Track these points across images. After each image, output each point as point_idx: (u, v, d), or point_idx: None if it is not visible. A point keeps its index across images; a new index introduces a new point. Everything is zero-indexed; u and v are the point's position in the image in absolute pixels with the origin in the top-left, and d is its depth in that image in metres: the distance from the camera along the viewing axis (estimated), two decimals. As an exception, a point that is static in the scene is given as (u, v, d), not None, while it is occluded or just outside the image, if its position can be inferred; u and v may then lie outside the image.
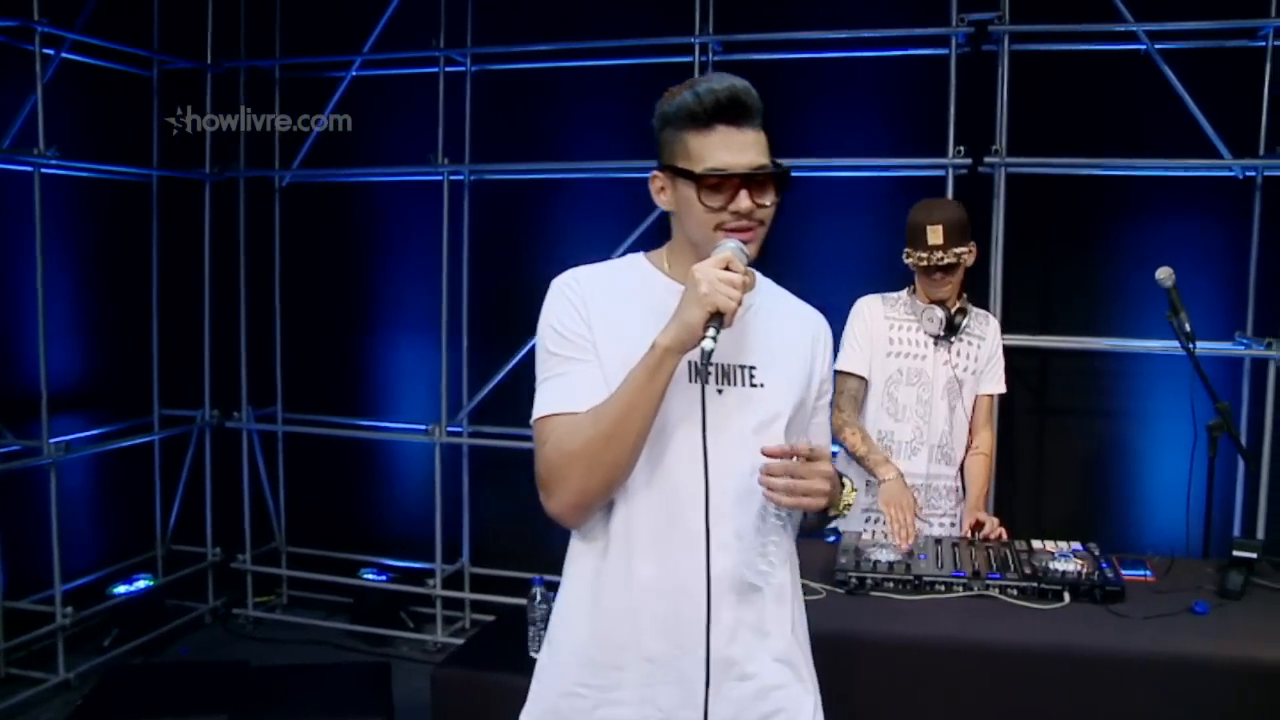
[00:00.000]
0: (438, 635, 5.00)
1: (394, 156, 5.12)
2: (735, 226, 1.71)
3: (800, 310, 1.95)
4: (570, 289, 1.79)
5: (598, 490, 1.71)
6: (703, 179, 1.69)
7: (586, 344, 1.75)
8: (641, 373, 1.64)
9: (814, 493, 1.67)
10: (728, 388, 1.78)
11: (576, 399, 1.72)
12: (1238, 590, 2.73)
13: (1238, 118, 4.20)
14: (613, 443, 1.66)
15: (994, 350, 3.43)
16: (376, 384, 5.45)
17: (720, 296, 1.60)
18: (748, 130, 1.71)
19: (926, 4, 4.44)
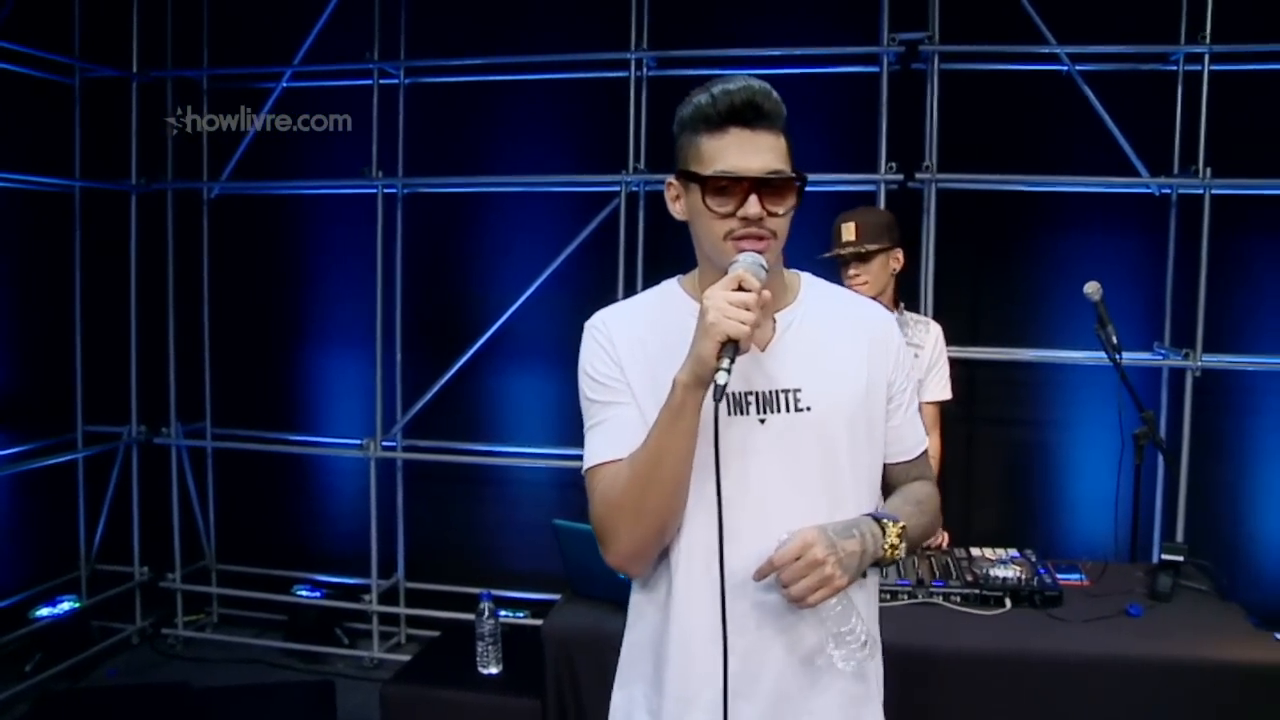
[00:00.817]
0: (374, 651, 4.95)
1: (326, 169, 5.07)
2: (744, 234, 1.61)
3: (854, 310, 1.82)
4: (598, 331, 1.74)
5: (650, 539, 1.65)
6: (709, 181, 1.61)
7: (621, 385, 1.69)
8: (666, 414, 1.57)
9: (819, 583, 1.56)
10: (771, 415, 1.67)
11: (619, 445, 1.66)
12: (1167, 592, 2.86)
13: (1154, 137, 4.38)
14: (651, 489, 1.60)
15: (936, 358, 3.48)
16: (309, 398, 5.38)
17: (729, 323, 1.50)
18: (764, 134, 1.62)
19: (858, 23, 4.55)
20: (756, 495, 1.64)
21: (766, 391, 1.67)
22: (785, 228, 1.66)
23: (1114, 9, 4.43)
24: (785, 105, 1.65)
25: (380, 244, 4.90)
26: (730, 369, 1.50)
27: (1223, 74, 4.33)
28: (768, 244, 1.63)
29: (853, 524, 1.64)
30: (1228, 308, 4.42)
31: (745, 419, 1.66)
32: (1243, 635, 2.64)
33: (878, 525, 1.66)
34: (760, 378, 1.67)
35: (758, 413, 1.67)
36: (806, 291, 1.79)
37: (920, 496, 1.83)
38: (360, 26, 4.87)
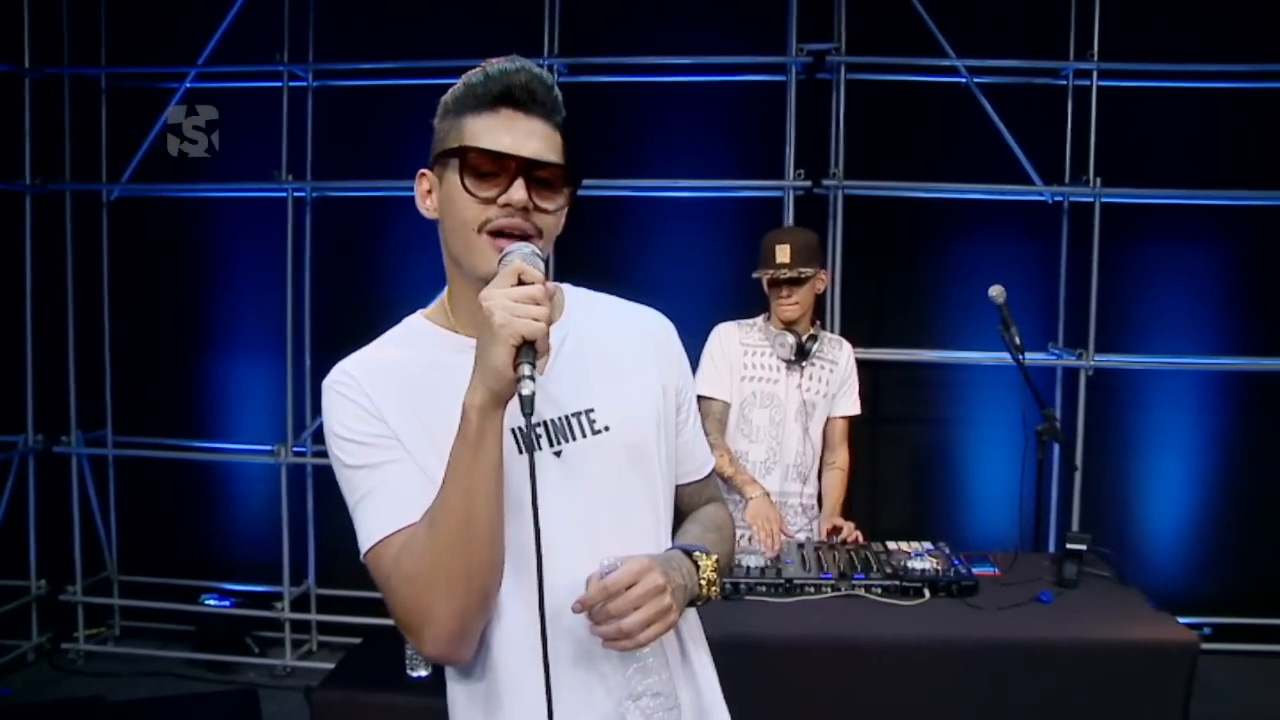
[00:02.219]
0: (287, 659, 4.88)
1: (232, 172, 4.98)
2: (505, 225, 1.40)
3: (630, 315, 1.63)
4: (344, 386, 1.45)
5: (473, 609, 1.38)
6: (469, 157, 1.40)
7: (389, 440, 1.41)
8: (464, 449, 1.32)
9: (656, 614, 1.36)
10: (567, 445, 1.46)
11: (404, 510, 1.39)
12: (1074, 579, 3.03)
13: (1047, 148, 4.60)
14: (467, 545, 1.34)
15: (847, 374, 3.61)
16: (216, 404, 5.27)
17: (521, 322, 1.28)
18: (539, 121, 1.44)
19: (767, 33, 4.65)
20: (567, 539, 1.42)
21: (556, 419, 1.46)
22: (554, 229, 1.46)
23: (1010, 25, 4.64)
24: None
25: (290, 248, 4.84)
26: (534, 375, 1.28)
27: (1111, 89, 4.56)
28: (533, 241, 1.41)
29: (669, 558, 1.46)
30: (1118, 310, 4.65)
31: (539, 454, 1.38)
32: (1145, 617, 2.82)
33: (690, 561, 1.48)
34: (545, 404, 1.43)
35: (550, 445, 1.45)
36: (573, 303, 1.59)
37: (719, 521, 1.66)
38: (268, 28, 4.80)
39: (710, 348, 3.50)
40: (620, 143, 4.79)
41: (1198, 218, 4.69)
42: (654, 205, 4.79)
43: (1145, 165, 4.58)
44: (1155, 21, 4.58)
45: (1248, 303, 4.75)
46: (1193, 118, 4.67)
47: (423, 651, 1.43)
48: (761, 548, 3.11)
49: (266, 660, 4.93)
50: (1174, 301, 4.74)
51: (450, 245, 1.47)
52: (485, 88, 1.44)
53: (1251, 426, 4.76)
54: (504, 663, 1.44)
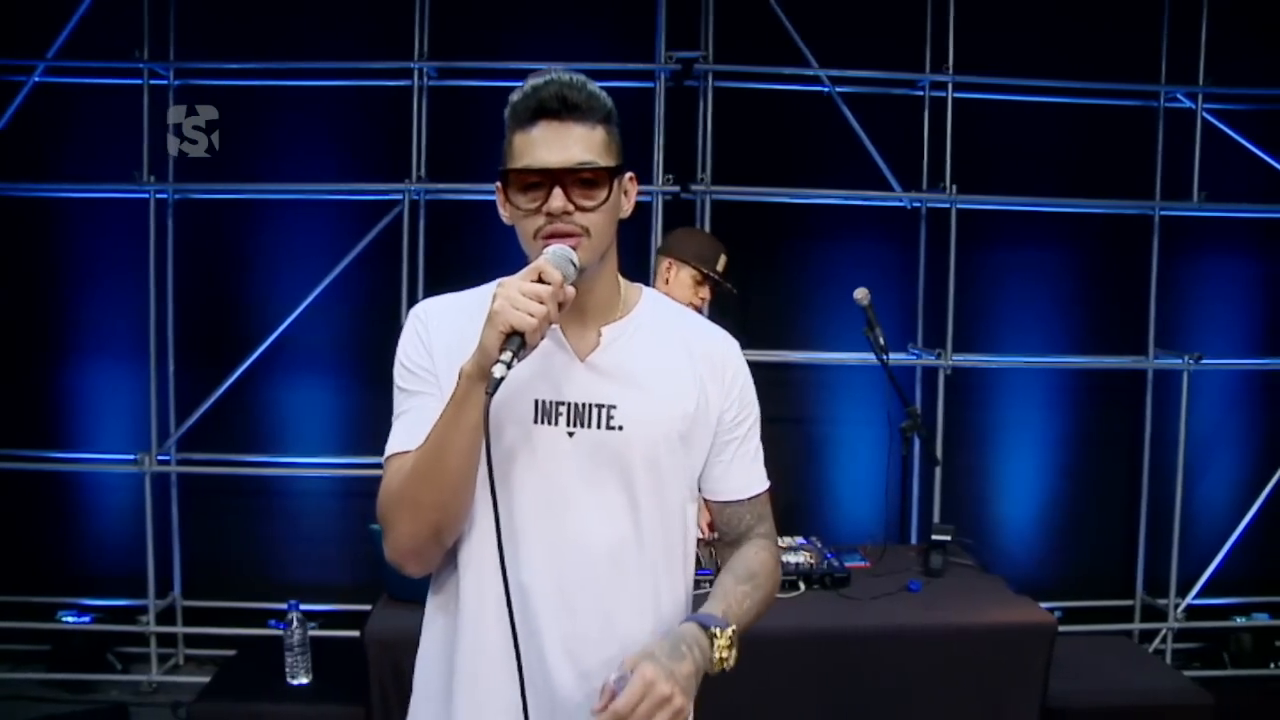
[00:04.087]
0: (153, 675, 4.73)
1: (86, 172, 4.81)
2: (551, 231, 1.54)
3: (694, 334, 1.73)
4: (417, 319, 1.66)
5: (425, 536, 1.56)
6: (511, 178, 1.56)
7: (429, 376, 1.61)
8: (450, 405, 1.49)
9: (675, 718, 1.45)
10: (581, 430, 1.59)
11: (415, 436, 1.55)
12: (940, 568, 3.18)
13: (906, 155, 4.77)
14: (429, 484, 1.51)
15: None
16: (71, 413, 5.06)
17: (515, 314, 1.42)
18: (574, 126, 1.56)
19: (636, 40, 4.72)
20: (556, 510, 1.58)
21: (579, 404, 1.60)
22: (602, 224, 1.57)
23: (870, 38, 4.81)
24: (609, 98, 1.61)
25: (153, 251, 4.71)
26: (511, 363, 1.41)
27: (965, 100, 4.77)
28: (578, 240, 1.55)
29: (679, 639, 1.53)
30: (974, 312, 4.87)
31: (553, 429, 1.59)
32: (1007, 600, 2.99)
33: (705, 636, 1.56)
34: (575, 389, 1.59)
35: (567, 425, 1.59)
36: (644, 307, 1.70)
37: (754, 568, 1.75)
38: (127, 22, 4.65)
39: None
40: (490, 147, 4.75)
41: (1046, 224, 4.95)
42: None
43: (998, 173, 4.81)
44: (1007, 38, 4.80)
45: (1092, 305, 5.04)
46: (1041, 130, 4.92)
47: (385, 552, 1.61)
48: None
49: (130, 677, 4.77)
50: (1025, 303, 4.98)
51: (523, 245, 1.61)
52: (524, 105, 1.57)
53: (1095, 421, 5.06)
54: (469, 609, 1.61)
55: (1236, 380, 5.10)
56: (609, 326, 1.64)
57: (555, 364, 1.59)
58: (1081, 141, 4.96)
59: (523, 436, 1.57)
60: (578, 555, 1.58)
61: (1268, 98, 4.92)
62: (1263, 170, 4.90)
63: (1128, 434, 5.02)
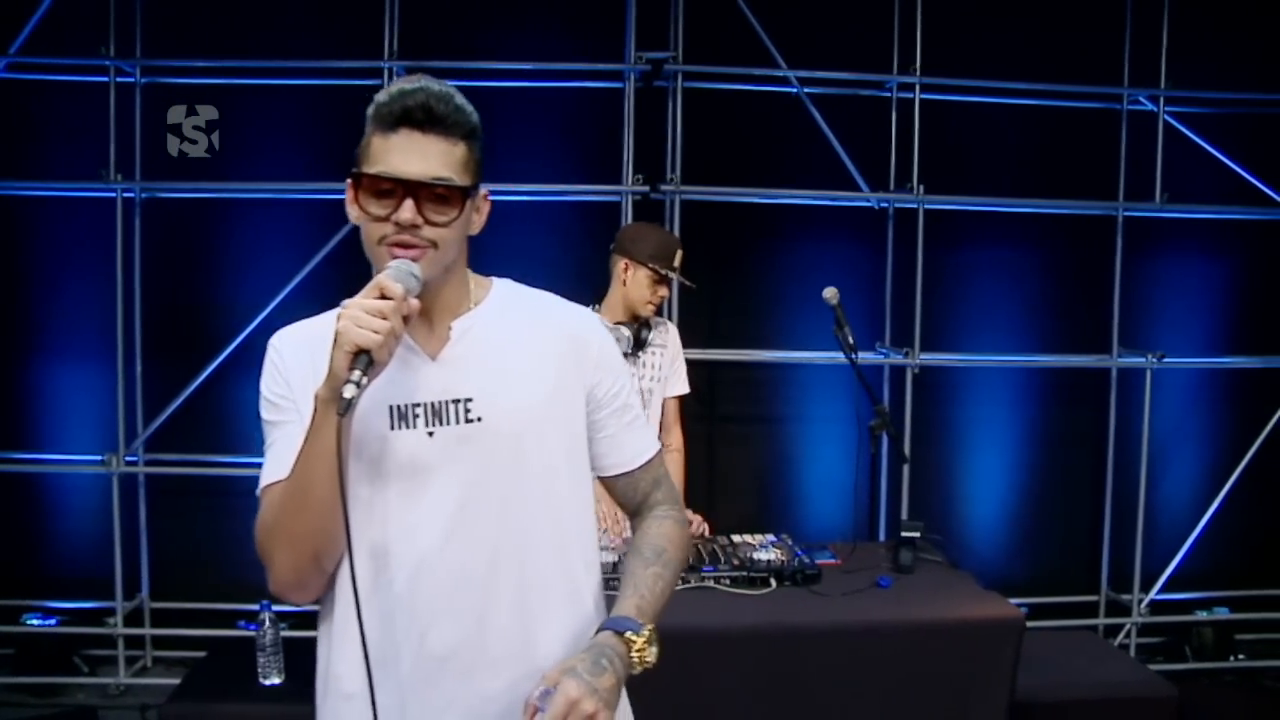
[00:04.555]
0: (120, 677, 4.69)
1: (52, 170, 4.76)
2: (396, 241, 1.51)
3: (551, 313, 1.74)
4: (273, 350, 1.64)
5: (306, 565, 1.55)
6: (365, 181, 1.52)
7: (290, 405, 1.59)
8: (309, 433, 1.48)
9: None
10: (440, 428, 1.57)
11: (284, 466, 1.54)
12: (910, 565, 3.22)
13: (874, 156, 4.82)
14: (300, 512, 1.50)
15: (676, 354, 3.70)
16: (29, 413, 4.99)
17: (357, 332, 1.40)
18: (436, 139, 1.53)
19: (606, 40, 4.73)
20: (430, 513, 1.56)
21: (435, 402, 1.58)
22: (450, 239, 1.57)
23: (838, 39, 4.85)
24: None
25: (120, 250, 4.67)
26: (361, 382, 1.40)
27: (933, 102, 4.82)
28: (422, 253, 1.53)
29: (600, 652, 1.52)
30: (941, 311, 4.92)
31: (412, 432, 1.57)
32: (976, 597, 3.03)
33: (623, 643, 1.55)
34: (428, 388, 1.58)
35: (426, 425, 1.57)
36: (494, 298, 1.71)
37: (661, 544, 1.74)
38: (93, 19, 4.61)
39: None
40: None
41: (1012, 224, 5.01)
42: (493, 208, 4.80)
43: (965, 174, 4.86)
44: (973, 41, 4.86)
45: (1057, 304, 5.10)
46: (1007, 131, 4.99)
47: (269, 587, 1.59)
48: (613, 541, 3.18)
49: (97, 679, 4.73)
50: (991, 303, 5.04)
51: (365, 250, 1.58)
52: (388, 109, 1.53)
53: (1060, 419, 5.13)
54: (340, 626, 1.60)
55: (1198, 378, 5.18)
56: (457, 321, 1.64)
57: (407, 368, 1.57)
58: (1046, 143, 5.02)
59: (383, 446, 1.55)
60: (456, 554, 1.56)
61: (1227, 101, 5.01)
62: (1223, 172, 4.98)
63: (1092, 431, 5.10)
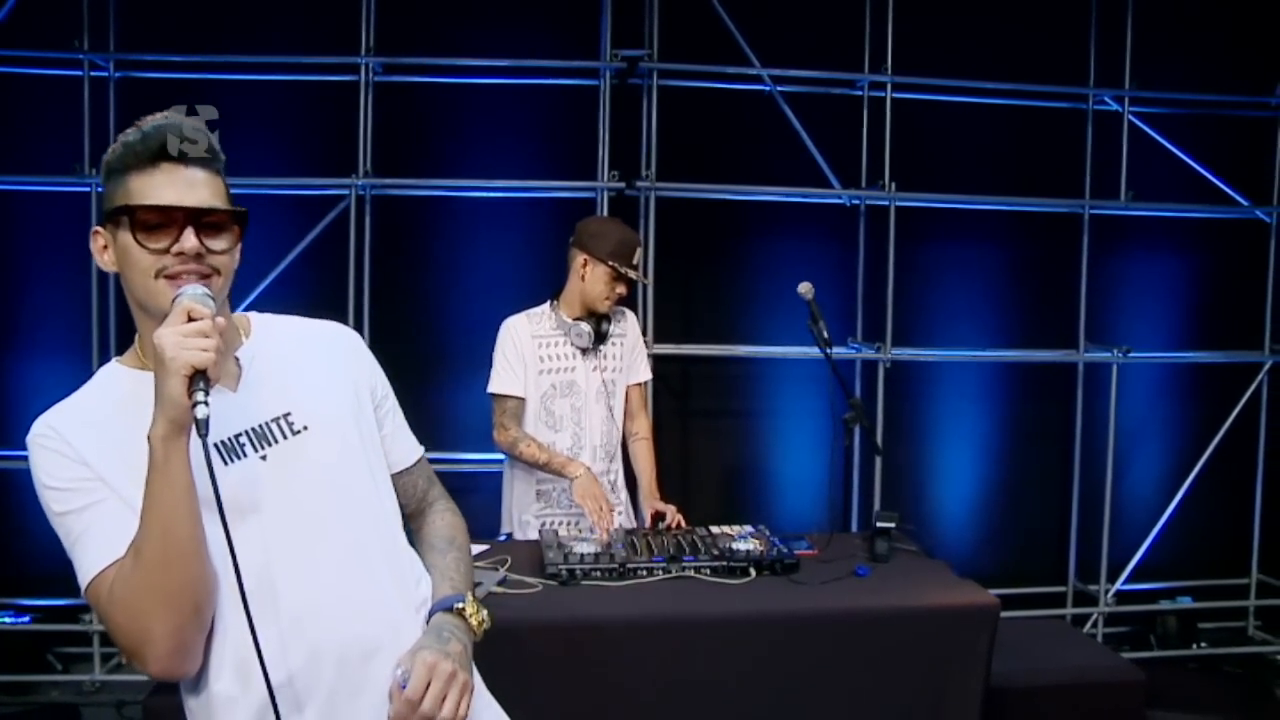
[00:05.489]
0: (96, 674, 4.67)
1: (24, 163, 4.71)
2: (178, 270, 1.49)
3: (314, 330, 1.78)
4: (45, 438, 1.54)
5: (189, 624, 1.48)
6: (138, 214, 1.48)
7: (92, 483, 1.50)
8: (154, 476, 1.42)
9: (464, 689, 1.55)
10: (271, 449, 1.58)
11: (114, 545, 1.47)
12: (886, 554, 3.27)
13: (845, 154, 4.89)
14: (170, 566, 1.43)
15: (635, 342, 3.71)
16: (6, 409, 4.99)
17: (191, 352, 1.38)
18: (198, 170, 1.53)
19: (581, 38, 4.78)
20: (290, 535, 1.56)
21: (256, 426, 1.58)
22: (229, 265, 1.56)
23: (810, 38, 4.91)
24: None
25: (93, 245, 4.64)
26: (207, 400, 1.39)
27: (903, 101, 4.89)
28: (213, 280, 1.52)
29: (439, 628, 1.62)
30: (912, 306, 4.99)
31: (244, 462, 1.56)
32: (951, 584, 3.08)
33: (456, 615, 1.65)
34: (244, 417, 1.58)
35: (256, 450, 1.57)
36: (261, 326, 1.72)
37: (449, 534, 1.83)
38: (65, 12, 4.58)
39: (501, 344, 3.52)
40: (437, 143, 4.83)
41: (981, 222, 5.10)
42: (470, 205, 4.84)
43: (935, 172, 4.94)
44: (943, 41, 4.94)
45: (1025, 300, 5.20)
46: (977, 130, 5.07)
47: (148, 672, 1.49)
48: (595, 532, 3.21)
49: (72, 677, 4.71)
50: (961, 298, 5.13)
51: (133, 293, 1.54)
52: (143, 145, 1.51)
53: (1028, 412, 5.23)
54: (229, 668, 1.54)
55: (1162, 373, 5.29)
56: (240, 351, 1.65)
57: (214, 406, 1.44)
58: (1015, 142, 5.11)
59: (221, 484, 1.43)
60: (326, 567, 1.57)
61: (1190, 102, 5.12)
62: (1186, 172, 5.10)
63: (1060, 425, 5.19)
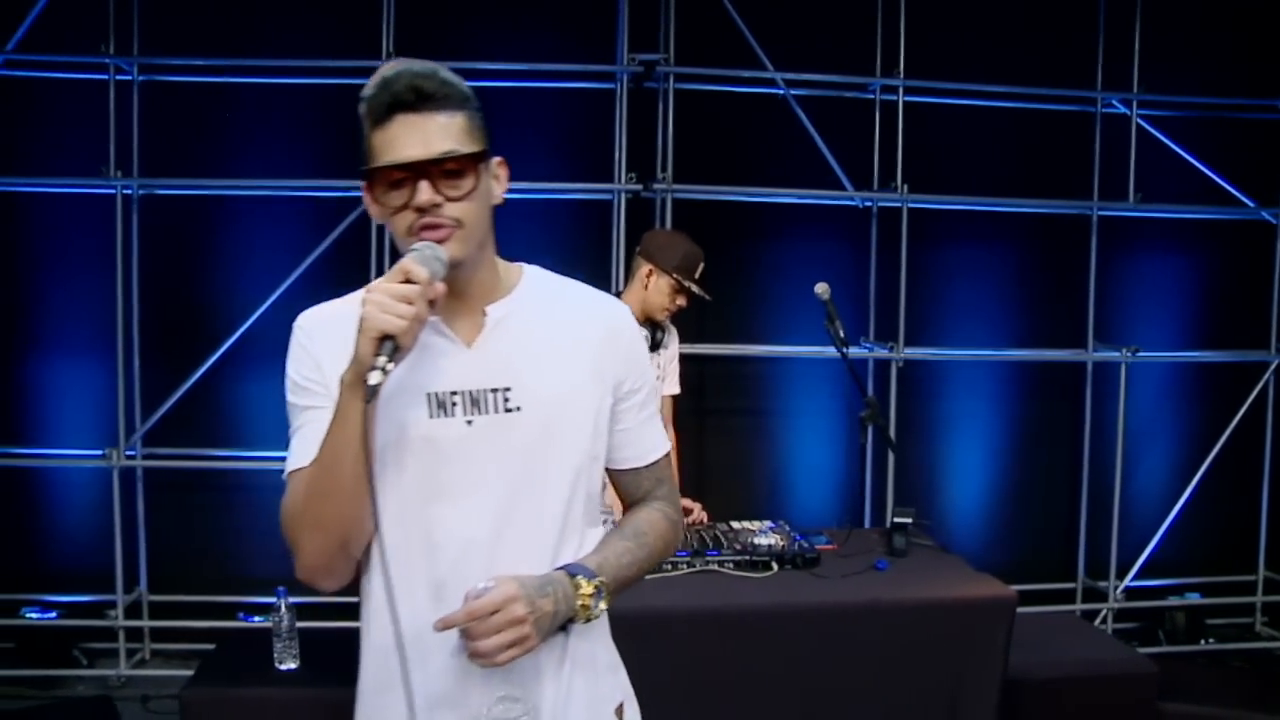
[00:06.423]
0: (121, 669, 4.74)
1: (51, 166, 4.80)
2: (423, 225, 1.49)
3: (583, 304, 1.69)
4: (300, 331, 1.60)
5: (332, 551, 1.52)
6: (375, 176, 1.51)
7: (319, 388, 1.55)
8: (334, 418, 1.45)
9: (512, 642, 1.46)
10: (479, 417, 1.56)
11: (311, 450, 1.51)
12: (903, 549, 3.35)
13: (858, 156, 4.96)
14: (326, 498, 1.48)
15: (673, 356, 3.81)
16: (29, 409, 5.03)
17: (382, 318, 1.38)
18: (433, 116, 1.50)
19: (598, 42, 4.86)
20: (473, 501, 1.55)
21: (473, 391, 1.56)
22: (473, 213, 1.53)
23: (823, 42, 4.99)
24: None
25: (120, 245, 4.72)
26: (386, 368, 1.39)
27: (915, 104, 4.97)
28: (449, 233, 1.50)
29: (547, 580, 1.53)
30: (924, 307, 5.06)
31: (450, 420, 1.55)
32: (969, 578, 3.16)
33: (571, 584, 1.55)
34: (466, 376, 1.56)
35: (464, 414, 1.56)
36: (527, 284, 1.66)
37: (643, 527, 1.73)
38: (90, 17, 4.65)
39: None
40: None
41: (992, 223, 5.17)
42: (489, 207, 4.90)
43: (946, 174, 5.01)
44: (955, 45, 5.02)
45: (1034, 300, 5.28)
46: (987, 133, 5.15)
47: (296, 573, 1.55)
48: None
49: (97, 671, 4.78)
50: (972, 299, 5.20)
51: (397, 244, 1.55)
52: (377, 101, 1.51)
53: (1038, 411, 5.31)
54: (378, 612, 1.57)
55: (1170, 372, 5.36)
56: (493, 307, 1.60)
57: (443, 355, 1.55)
58: (1025, 144, 5.19)
59: (421, 433, 1.52)
60: (500, 541, 1.55)
61: (1197, 105, 5.19)
62: (1193, 173, 5.16)
63: (1069, 423, 5.27)
